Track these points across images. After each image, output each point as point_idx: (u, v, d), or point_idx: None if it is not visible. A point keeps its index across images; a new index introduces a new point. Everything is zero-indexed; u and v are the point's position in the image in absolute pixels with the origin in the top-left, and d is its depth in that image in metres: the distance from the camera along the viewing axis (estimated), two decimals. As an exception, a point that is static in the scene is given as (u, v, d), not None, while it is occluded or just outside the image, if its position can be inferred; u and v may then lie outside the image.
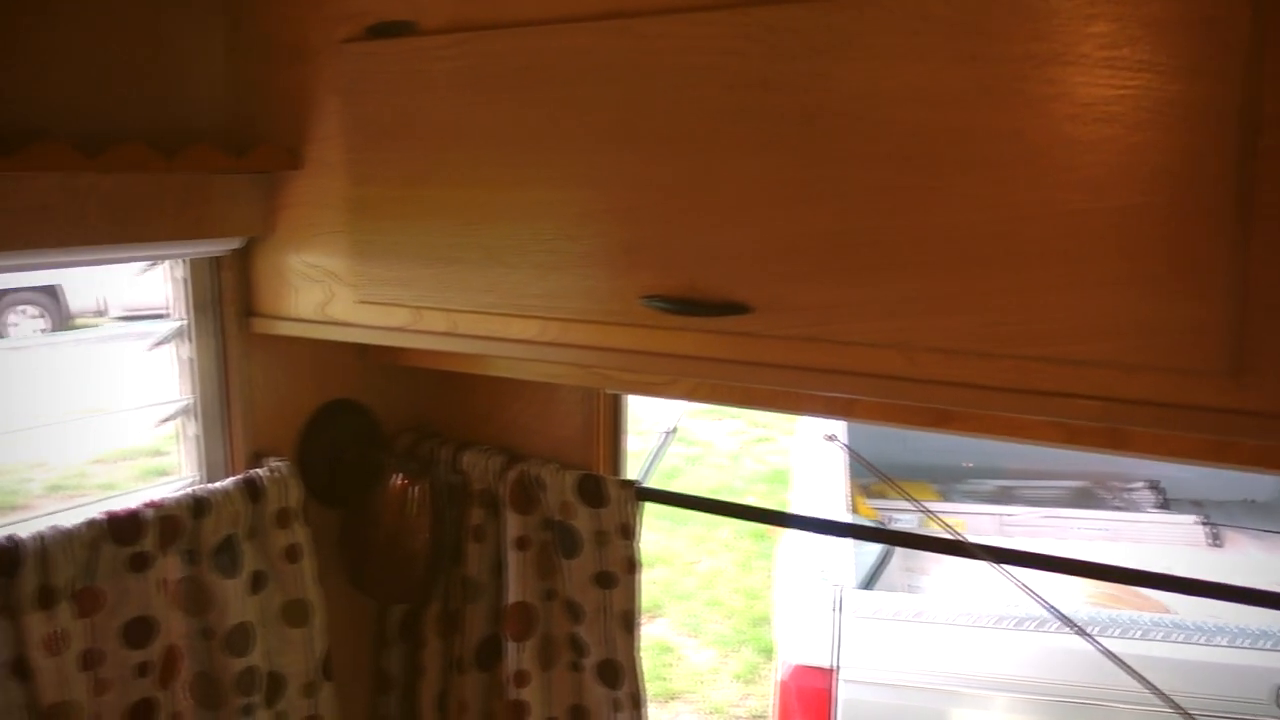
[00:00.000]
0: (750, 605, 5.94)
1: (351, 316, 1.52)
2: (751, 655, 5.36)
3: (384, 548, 1.78)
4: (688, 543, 6.85)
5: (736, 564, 6.54)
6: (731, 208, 1.17)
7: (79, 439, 7.65)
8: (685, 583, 6.26)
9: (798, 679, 2.78)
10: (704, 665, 5.28)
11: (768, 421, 9.58)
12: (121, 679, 1.46)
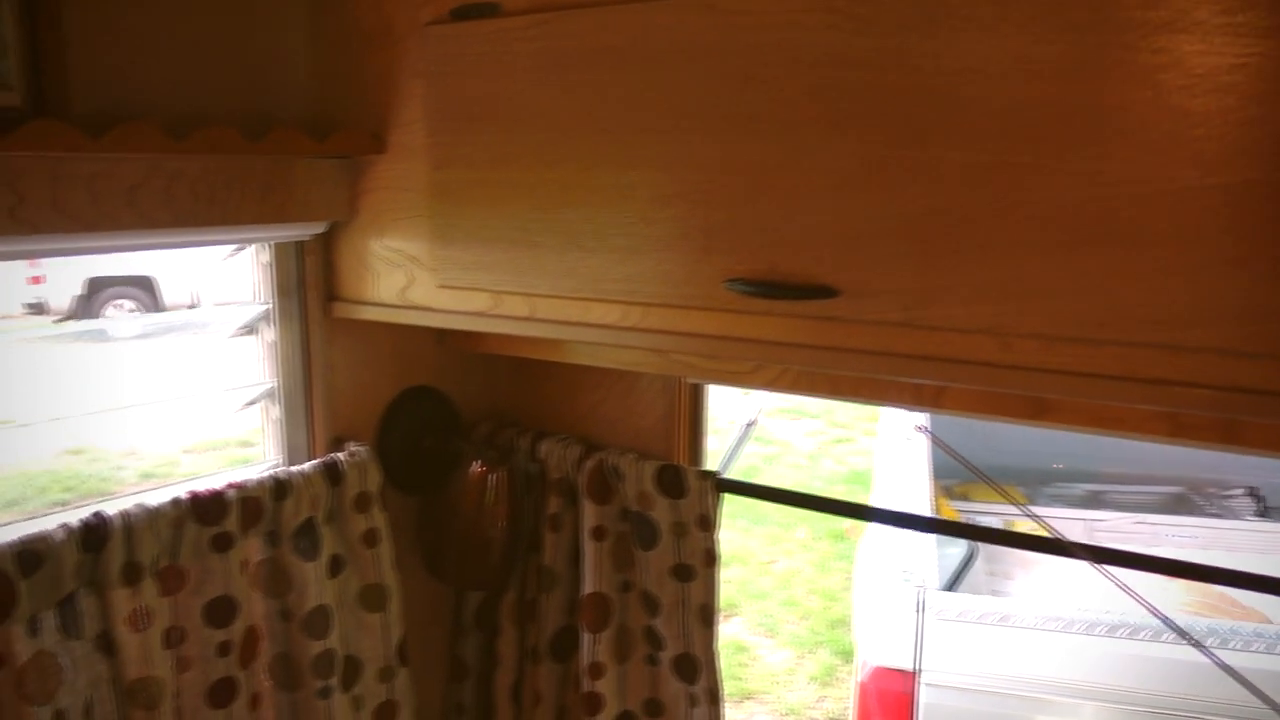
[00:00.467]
0: (828, 607, 5.86)
1: (432, 301, 1.51)
2: (828, 657, 5.28)
3: (461, 535, 1.78)
4: (764, 542, 6.79)
5: (814, 565, 6.46)
6: (817, 188, 1.13)
7: (170, 428, 7.88)
8: (761, 582, 6.20)
9: (878, 681, 2.72)
10: (780, 666, 5.22)
11: (847, 421, 9.46)
12: (203, 657, 1.48)
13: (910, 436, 4.14)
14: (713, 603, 1.67)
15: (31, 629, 1.28)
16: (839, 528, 6.90)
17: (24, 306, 10.29)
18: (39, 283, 10.06)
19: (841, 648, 5.33)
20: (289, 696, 1.60)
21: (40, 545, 1.28)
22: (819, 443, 9.03)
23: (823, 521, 7.02)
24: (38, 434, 2.01)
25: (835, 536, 6.81)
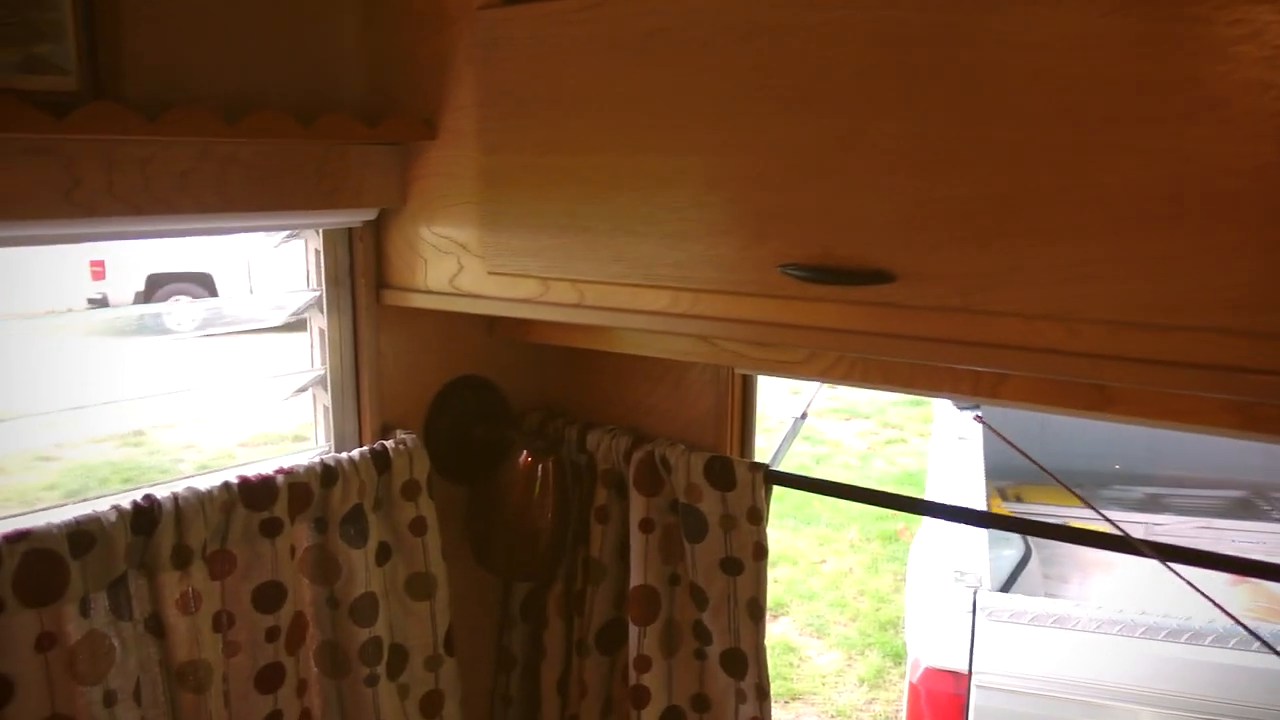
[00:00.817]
0: (878, 609, 5.79)
1: (481, 288, 1.50)
2: (878, 659, 5.22)
3: (508, 525, 1.77)
4: (813, 543, 6.73)
5: (864, 566, 6.39)
6: (873, 170, 1.10)
7: (225, 420, 7.99)
8: (810, 583, 6.15)
9: (929, 682, 2.67)
10: (828, 667, 5.17)
11: (899, 422, 9.36)
12: (251, 642, 1.48)
13: (964, 436, 4.07)
14: (761, 597, 1.65)
15: (83, 609, 1.29)
16: (890, 529, 6.82)
17: (87, 301, 10.51)
18: (100, 279, 10.25)
19: (892, 650, 5.27)
20: (335, 684, 1.61)
21: (92, 526, 1.29)
22: (870, 443, 8.94)
23: (873, 523, 6.95)
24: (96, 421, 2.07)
25: (886, 538, 6.73)
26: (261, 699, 1.50)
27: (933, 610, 2.80)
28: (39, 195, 1.21)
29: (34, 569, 1.24)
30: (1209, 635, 2.56)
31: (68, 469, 7.25)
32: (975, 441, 3.98)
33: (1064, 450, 4.50)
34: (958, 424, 4.23)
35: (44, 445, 6.38)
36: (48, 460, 7.33)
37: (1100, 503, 4.58)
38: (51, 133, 1.16)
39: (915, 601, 3.44)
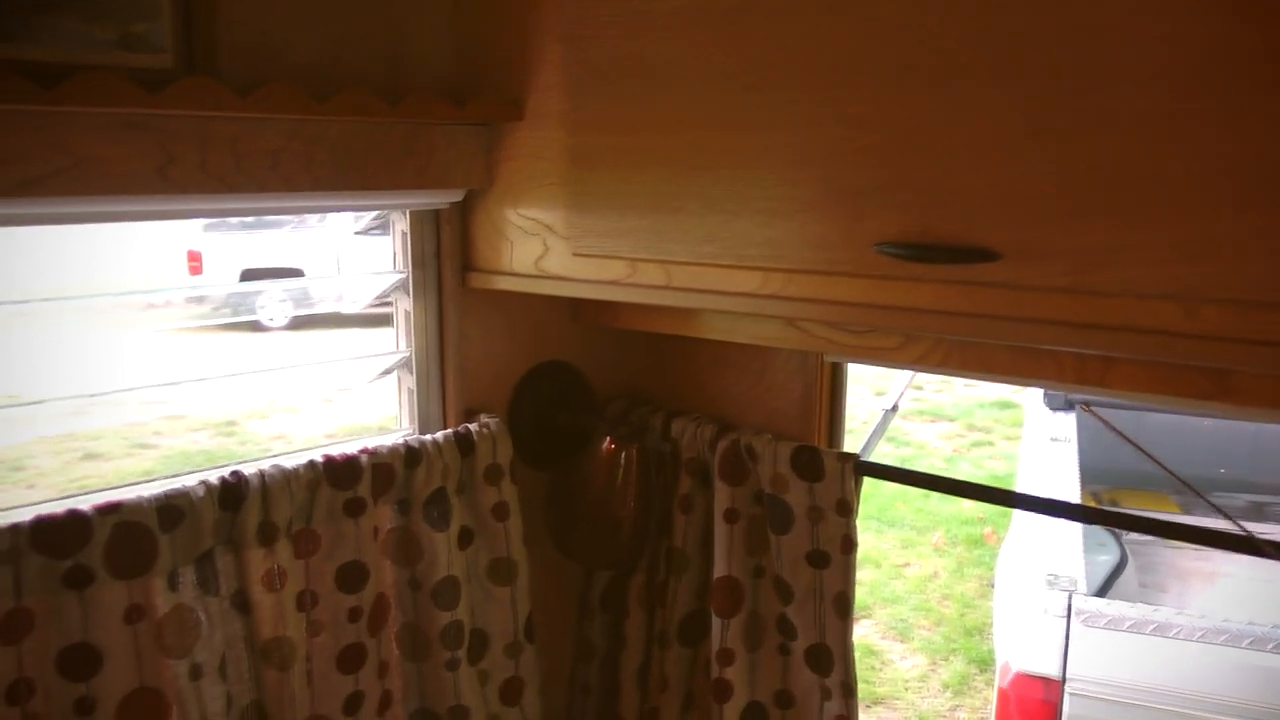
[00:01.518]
0: (963, 614, 5.66)
1: (567, 270, 1.48)
2: (963, 665, 5.10)
3: (590, 513, 1.75)
4: (896, 546, 6.61)
5: (949, 570, 6.25)
6: (977, 144, 1.05)
7: (314, 410, 8.16)
8: (893, 586, 6.03)
9: (1019, 688, 2.59)
10: (911, 672, 5.06)
11: (986, 425, 9.16)
12: (334, 622, 1.48)
13: (1057, 437, 3.95)
14: (849, 592, 1.60)
15: (171, 583, 1.30)
16: (976, 533, 6.67)
17: (184, 297, 10.82)
18: (198, 274, 10.55)
19: (977, 656, 5.14)
20: (416, 667, 1.60)
21: (181, 501, 1.30)
22: (955, 445, 8.75)
23: (959, 526, 6.81)
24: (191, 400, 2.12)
25: (972, 542, 6.58)
26: (343, 679, 1.50)
27: (1024, 614, 2.71)
28: (134, 171, 1.22)
29: (124, 541, 1.25)
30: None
31: (165, 456, 7.45)
32: (1069, 443, 3.85)
33: (1162, 454, 4.34)
34: (1050, 425, 4.10)
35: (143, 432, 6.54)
36: (145, 448, 7.56)
37: (1200, 511, 4.41)
38: (146, 107, 1.17)
39: (1004, 606, 3.35)
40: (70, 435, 7.53)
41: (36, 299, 1.34)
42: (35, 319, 1.37)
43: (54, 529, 1.20)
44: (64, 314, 1.42)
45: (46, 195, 1.18)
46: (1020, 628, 2.70)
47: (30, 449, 7.33)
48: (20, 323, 1.34)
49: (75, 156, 1.18)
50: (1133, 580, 3.40)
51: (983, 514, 6.98)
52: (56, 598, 1.22)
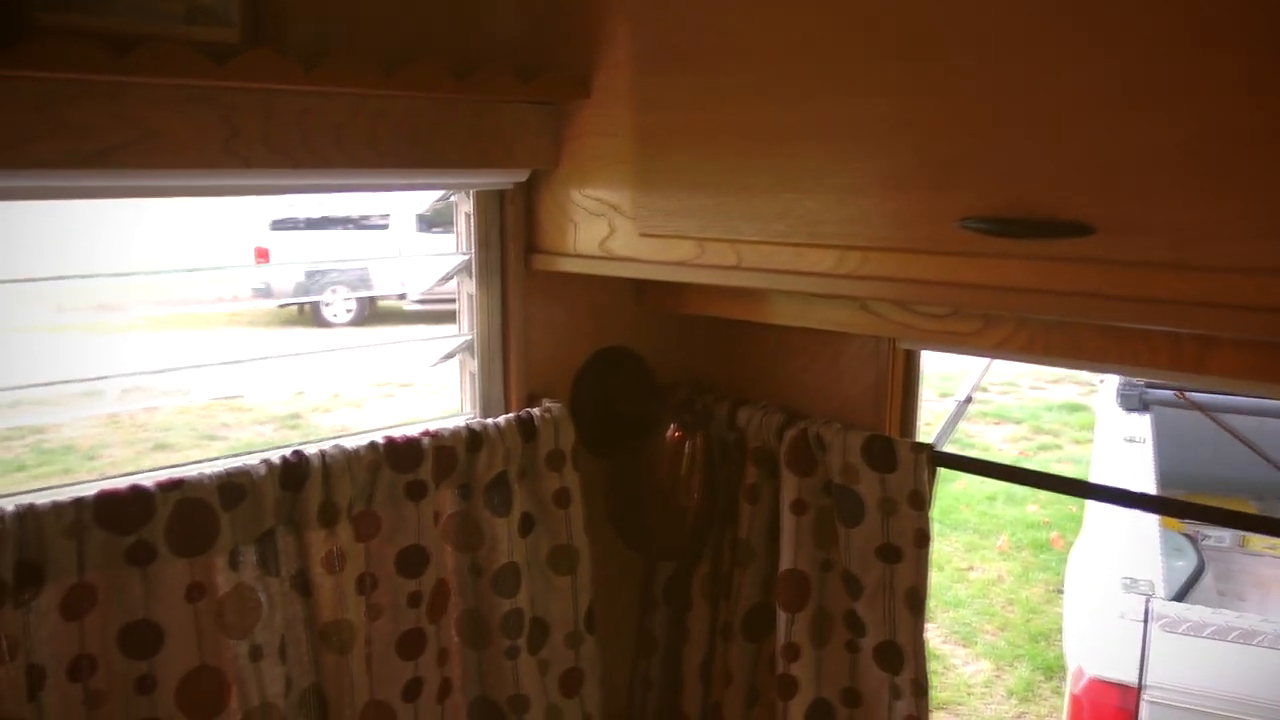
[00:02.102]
0: (1029, 619, 5.53)
1: (632, 251, 1.44)
2: (1028, 672, 4.98)
3: (653, 502, 1.71)
4: (959, 549, 6.48)
5: (1014, 575, 6.12)
6: (1072, 112, 0.99)
7: (378, 407, 8.24)
8: (956, 589, 5.91)
9: (1093, 694, 2.50)
10: (975, 677, 4.95)
11: (1053, 428, 8.97)
12: (394, 606, 1.46)
13: (1132, 438, 3.82)
14: (922, 588, 1.54)
15: (232, 562, 1.29)
16: (1042, 537, 6.52)
17: (252, 290, 11.08)
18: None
19: (1044, 663, 5.01)
20: (476, 654, 1.58)
21: (242, 479, 1.28)
22: (1022, 448, 8.57)
23: (1025, 531, 6.66)
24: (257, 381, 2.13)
25: (1038, 546, 6.44)
26: (402, 665, 1.48)
27: (1098, 618, 2.62)
28: (200, 144, 1.21)
29: (186, 518, 1.24)
30: None
31: (231, 447, 7.56)
32: (1144, 445, 3.73)
33: (1242, 459, 4.19)
34: (1125, 426, 3.98)
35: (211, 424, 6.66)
36: (213, 439, 7.68)
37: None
38: (212, 79, 1.16)
39: (1075, 610, 3.25)
40: (141, 426, 7.70)
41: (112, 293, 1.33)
42: (111, 313, 1.36)
43: (117, 504, 1.20)
44: (136, 306, 1.42)
45: (114, 167, 1.17)
46: (1095, 632, 2.61)
47: (105, 438, 7.49)
48: (99, 316, 1.33)
49: (142, 129, 1.17)
50: (1210, 588, 3.28)
51: (1048, 518, 6.83)
52: (119, 574, 1.21)
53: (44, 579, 1.16)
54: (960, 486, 7.39)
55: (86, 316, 9.66)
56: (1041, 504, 7.18)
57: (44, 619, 1.17)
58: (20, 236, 5.03)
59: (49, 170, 1.14)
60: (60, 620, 1.18)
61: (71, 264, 1.28)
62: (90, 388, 1.35)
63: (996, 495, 7.20)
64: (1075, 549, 3.93)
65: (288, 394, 8.20)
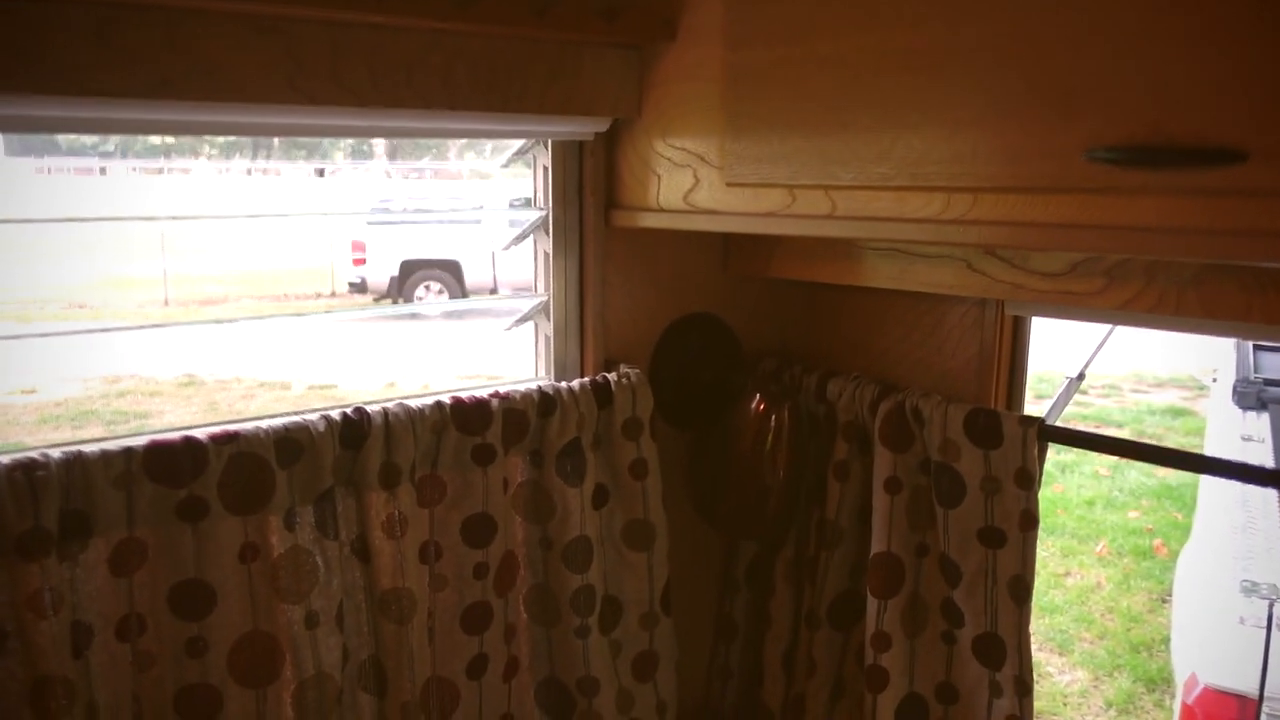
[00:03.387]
0: (1129, 628, 5.28)
1: (718, 203, 1.34)
2: (1129, 683, 4.74)
3: (735, 478, 1.61)
4: (1056, 554, 6.23)
5: (1113, 582, 5.85)
6: (1221, 25, 0.86)
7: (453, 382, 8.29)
8: (1051, 595, 5.67)
9: (1208, 705, 2.32)
10: (1071, 687, 4.73)
11: (1156, 432, 8.60)
12: (459, 577, 1.39)
13: (1250, 436, 3.59)
14: (1028, 575, 1.41)
15: (288, 522, 1.22)
16: (1144, 544, 6.24)
17: (348, 285, 11.31)
18: (361, 264, 10.97)
19: (1145, 674, 4.77)
20: (545, 632, 1.49)
21: (300, 435, 1.21)
22: (1123, 453, 8.23)
23: (1126, 537, 6.38)
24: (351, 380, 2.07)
25: (1140, 553, 6.15)
26: (467, 640, 1.40)
27: (1215, 625, 2.43)
28: (261, 77, 1.15)
29: (241, 474, 1.18)
30: None
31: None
32: (1263, 444, 3.50)
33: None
34: (1242, 425, 3.74)
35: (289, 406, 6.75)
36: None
37: None
38: (281, 5, 1.09)
39: (1186, 617, 3.05)
40: (239, 414, 7.84)
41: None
42: (213, 307, 1.33)
43: (168, 455, 1.14)
44: (241, 301, 1.39)
45: (174, 99, 1.11)
46: (1211, 639, 2.43)
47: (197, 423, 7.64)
48: (201, 312, 1.31)
49: (207, 61, 1.11)
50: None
51: (1151, 525, 6.54)
52: (170, 530, 1.16)
53: (91, 531, 1.11)
54: (1057, 490, 7.13)
55: (192, 312, 9.97)
56: (1144, 511, 6.88)
57: (91, 573, 1.12)
58: (129, 239, 5.15)
59: (107, 99, 1.08)
60: (108, 575, 1.13)
61: (176, 262, 1.30)
62: (190, 377, 1.30)
63: (1095, 500, 6.93)
64: (1184, 553, 3.71)
65: (379, 384, 8.29)
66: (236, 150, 15.51)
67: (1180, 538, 6.27)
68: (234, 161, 15.86)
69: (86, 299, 10.55)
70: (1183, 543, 6.15)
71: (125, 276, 11.13)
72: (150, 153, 15.10)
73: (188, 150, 14.05)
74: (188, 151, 14.02)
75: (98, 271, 11.31)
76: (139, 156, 14.44)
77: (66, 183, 14.55)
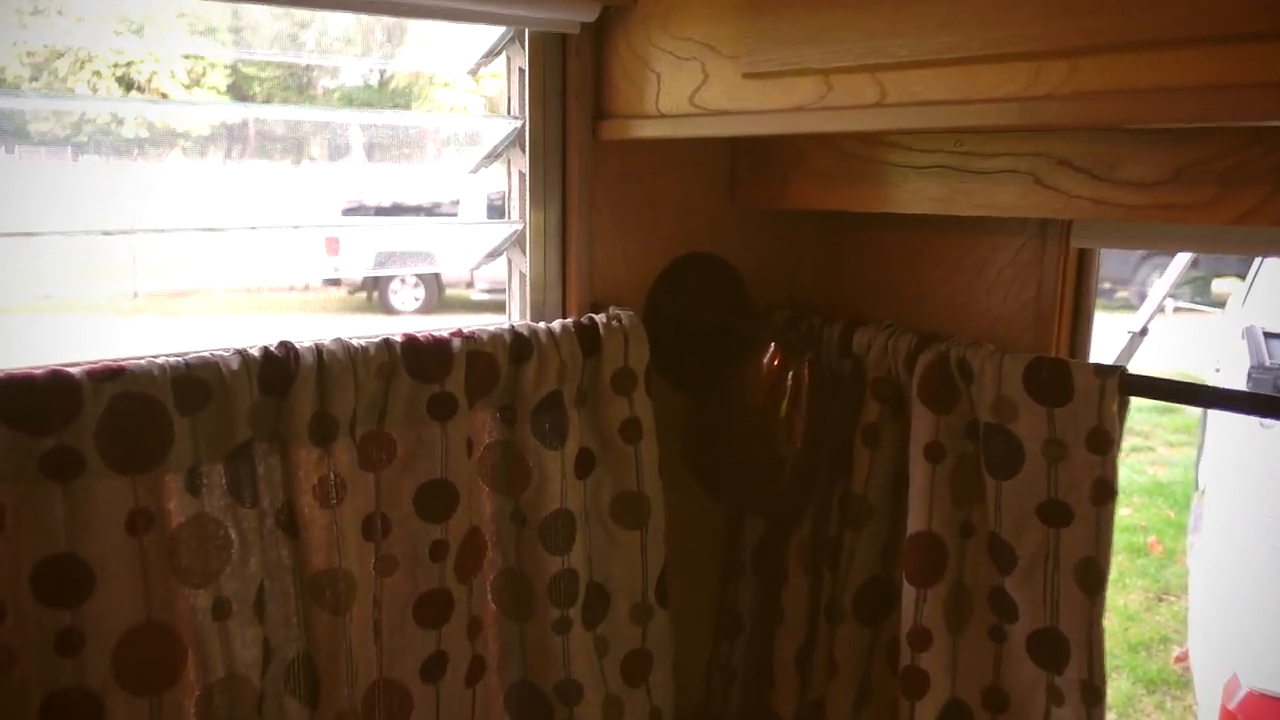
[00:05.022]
0: (1126, 628, 5.08)
1: (733, 100, 1.10)
2: (1127, 685, 4.54)
3: (744, 444, 1.37)
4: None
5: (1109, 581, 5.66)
6: None
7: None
8: (1046, 593, 5.48)
9: (1253, 711, 2.10)
10: (1070, 688, 4.52)
11: (1145, 430, 8.46)
12: (412, 558, 1.13)
13: (1269, 424, 3.38)
14: (1101, 559, 1.18)
15: (191, 484, 0.96)
16: (1139, 541, 6.06)
17: (323, 279, 11.13)
18: (335, 255, 10.80)
19: (1145, 675, 4.58)
20: (516, 626, 1.25)
21: (208, 374, 0.96)
22: (1111, 449, 8.08)
23: (1119, 534, 6.17)
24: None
25: (1134, 551, 5.98)
26: (421, 635, 1.15)
27: (1261, 624, 2.21)
28: None
29: (127, 421, 0.92)
30: None
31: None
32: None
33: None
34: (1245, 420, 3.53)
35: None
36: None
37: None
38: None
39: (1208, 615, 2.84)
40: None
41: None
42: (189, 300, 1.08)
43: (28, 393, 0.88)
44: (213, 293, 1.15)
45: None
46: (1257, 640, 2.21)
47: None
48: (173, 306, 1.06)
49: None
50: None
51: (1145, 522, 6.38)
52: (32, 490, 0.90)
53: (-76, 489, 0.85)
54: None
55: (162, 303, 9.72)
56: (1135, 508, 6.73)
57: (-77, 545, 0.86)
58: (96, 219, 4.94)
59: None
60: (-52, 549, 0.87)
61: (147, 252, 1.11)
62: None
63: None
64: (1195, 550, 3.50)
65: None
66: (211, 144, 15.27)
67: (1173, 535, 6.10)
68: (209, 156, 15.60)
69: (54, 290, 10.26)
70: (1177, 540, 5.97)
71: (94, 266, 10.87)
72: (124, 146, 14.94)
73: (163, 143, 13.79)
74: (163, 144, 13.76)
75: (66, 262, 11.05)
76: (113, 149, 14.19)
77: (36, 168, 14.22)
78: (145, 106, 3.21)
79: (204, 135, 5.35)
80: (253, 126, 3.55)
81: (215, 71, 6.16)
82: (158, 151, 5.57)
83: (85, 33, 1.38)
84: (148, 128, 4.80)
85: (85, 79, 4.98)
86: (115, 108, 3.36)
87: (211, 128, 5.37)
